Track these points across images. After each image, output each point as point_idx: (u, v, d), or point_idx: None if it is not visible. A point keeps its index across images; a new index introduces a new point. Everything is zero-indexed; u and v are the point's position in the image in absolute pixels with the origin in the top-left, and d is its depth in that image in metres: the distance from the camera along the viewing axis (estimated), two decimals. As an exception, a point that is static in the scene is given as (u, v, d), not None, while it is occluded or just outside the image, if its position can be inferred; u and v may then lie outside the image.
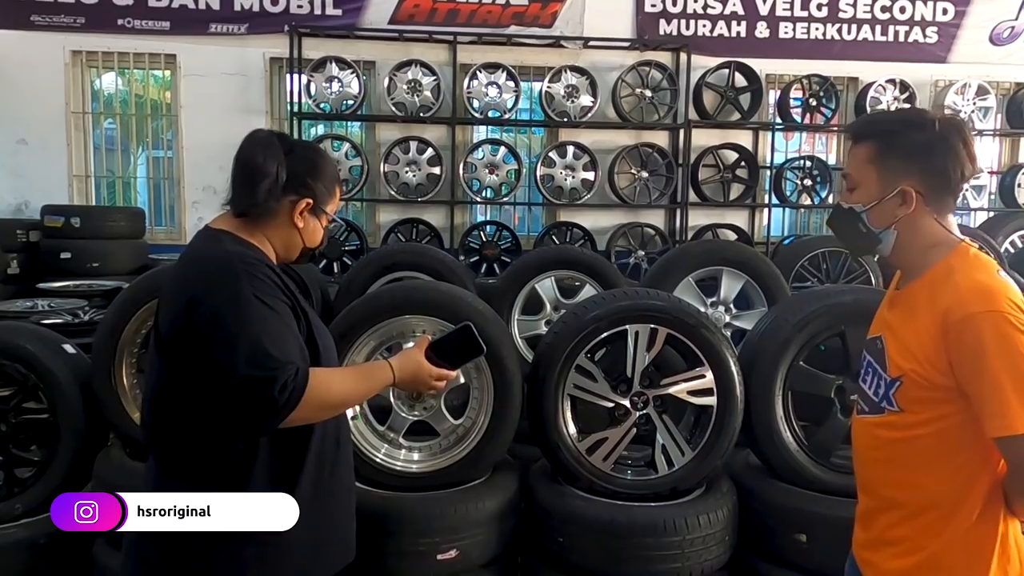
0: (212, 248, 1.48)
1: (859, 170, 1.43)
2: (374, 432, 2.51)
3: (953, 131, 1.37)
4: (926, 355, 1.33)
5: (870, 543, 1.50)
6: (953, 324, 1.28)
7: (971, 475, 1.34)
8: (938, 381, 1.32)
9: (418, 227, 6.62)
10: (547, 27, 6.78)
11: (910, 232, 1.40)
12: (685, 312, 2.51)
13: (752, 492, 2.57)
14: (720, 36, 6.99)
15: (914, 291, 1.42)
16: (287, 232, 1.57)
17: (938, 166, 1.36)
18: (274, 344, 1.38)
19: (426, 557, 2.28)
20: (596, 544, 2.33)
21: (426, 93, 6.37)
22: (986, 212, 7.10)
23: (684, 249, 3.96)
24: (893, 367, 1.40)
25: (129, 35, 6.47)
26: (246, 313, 1.38)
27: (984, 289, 1.29)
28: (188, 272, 1.48)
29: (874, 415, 1.46)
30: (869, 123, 1.50)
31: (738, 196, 6.93)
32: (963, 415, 1.32)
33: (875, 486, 1.49)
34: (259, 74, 6.59)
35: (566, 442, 2.49)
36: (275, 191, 1.52)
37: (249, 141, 1.54)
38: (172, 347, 1.44)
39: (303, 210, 1.56)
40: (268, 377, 1.35)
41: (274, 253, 1.58)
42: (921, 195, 1.37)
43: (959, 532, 1.35)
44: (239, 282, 1.41)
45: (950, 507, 1.36)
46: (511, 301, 3.83)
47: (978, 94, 6.88)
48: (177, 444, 1.47)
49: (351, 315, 2.51)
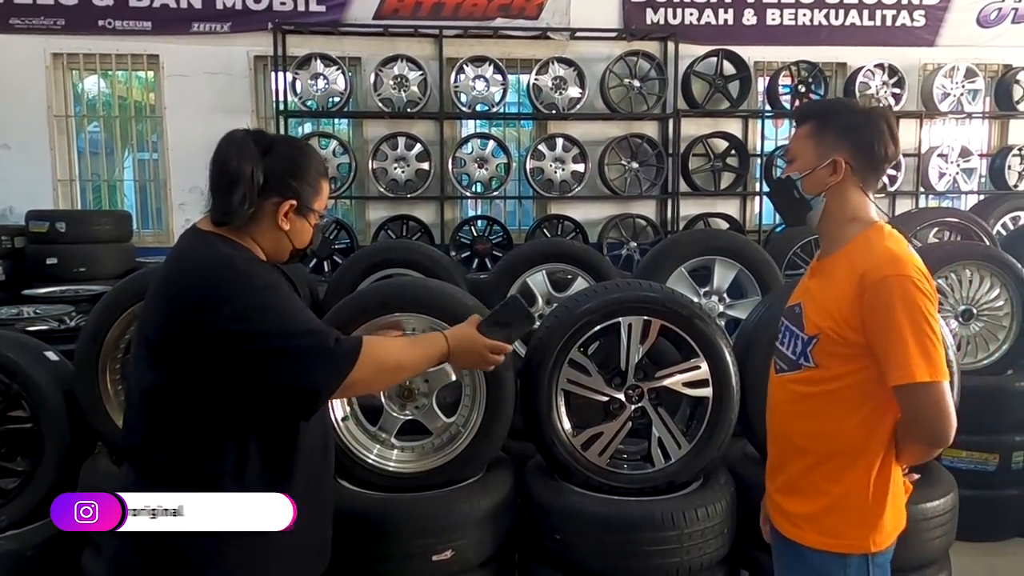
0: (208, 251, 1.44)
1: (798, 145, 1.65)
2: (365, 433, 2.47)
3: (881, 116, 1.60)
4: (842, 314, 1.52)
5: (779, 490, 1.69)
6: (868, 285, 1.48)
7: (874, 425, 1.54)
8: (850, 337, 1.51)
9: (408, 223, 6.56)
10: (533, 19, 6.72)
11: (837, 200, 1.61)
12: (678, 303, 2.47)
13: (751, 483, 2.54)
14: (707, 24, 6.94)
15: (835, 261, 1.60)
16: (273, 235, 1.52)
17: (866, 143, 1.58)
18: (304, 315, 1.43)
19: (421, 558, 2.24)
20: (593, 540, 2.30)
21: (413, 88, 6.31)
22: (977, 195, 7.08)
23: (676, 239, 3.92)
24: (810, 326, 1.58)
25: (110, 36, 6.38)
26: (272, 301, 1.40)
27: (895, 256, 1.50)
28: (186, 276, 1.43)
29: (792, 372, 1.64)
30: (811, 106, 1.79)
31: (729, 185, 6.89)
32: (870, 371, 1.51)
33: (788, 436, 1.67)
34: (243, 73, 6.51)
35: (561, 438, 2.45)
36: (251, 196, 1.46)
37: (224, 143, 1.49)
38: (172, 352, 1.39)
39: (287, 212, 1.51)
40: (320, 339, 1.39)
41: (263, 255, 1.53)
42: (850, 166, 1.59)
43: (861, 478, 1.55)
44: (250, 278, 1.40)
45: (854, 454, 1.55)
46: (503, 296, 3.78)
47: (966, 77, 6.85)
48: (166, 450, 1.43)
49: (339, 313, 2.46)
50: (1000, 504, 3.47)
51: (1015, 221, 6.12)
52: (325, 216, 1.61)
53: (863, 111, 1.62)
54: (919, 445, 1.53)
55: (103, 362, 2.59)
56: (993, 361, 3.57)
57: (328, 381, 1.41)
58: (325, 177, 1.59)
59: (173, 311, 1.38)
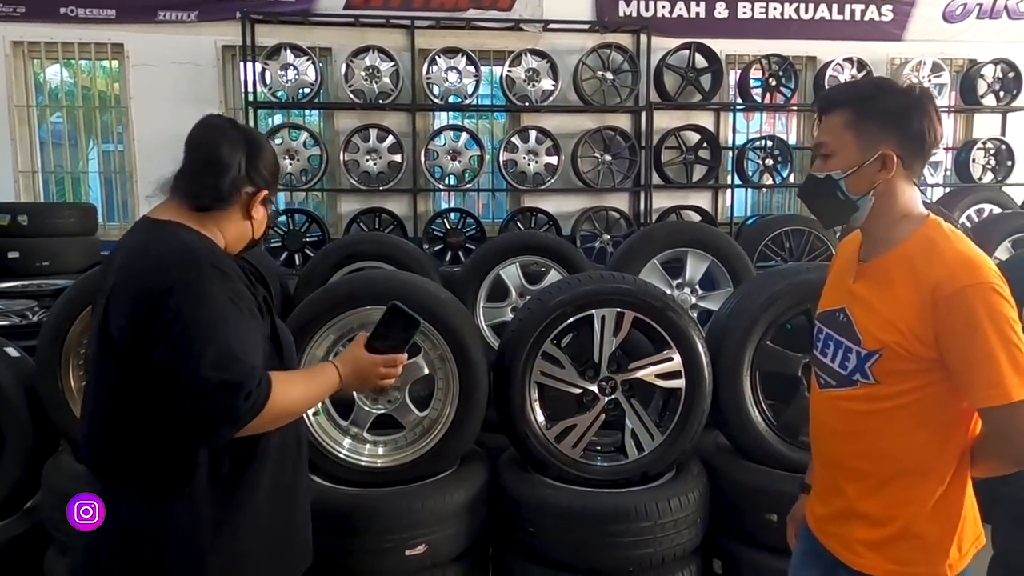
0: (170, 241, 1.38)
1: (835, 137, 1.41)
2: (337, 427, 2.44)
3: (926, 96, 1.39)
4: (910, 328, 1.32)
5: (836, 516, 1.50)
6: (944, 297, 1.28)
7: (942, 443, 1.37)
8: (920, 353, 1.32)
9: (381, 216, 6.50)
10: (506, 10, 6.69)
11: (886, 198, 1.40)
12: (651, 295, 2.48)
13: (722, 473, 2.56)
14: (679, 17, 6.97)
15: (888, 263, 1.40)
16: (240, 224, 1.49)
17: (915, 129, 1.37)
18: (242, 347, 1.31)
19: (394, 553, 2.22)
20: (567, 532, 2.30)
21: (385, 79, 6.25)
22: (942, 188, 7.21)
23: (648, 232, 3.93)
24: (870, 339, 1.38)
25: (73, 24, 6.22)
26: (215, 312, 1.31)
27: (970, 262, 1.31)
28: (144, 267, 1.36)
29: (843, 388, 1.44)
30: (841, 91, 1.49)
31: (701, 177, 6.93)
32: (938, 386, 1.33)
33: (841, 459, 1.48)
34: (211, 63, 6.39)
35: (534, 430, 2.45)
36: (237, 183, 1.44)
37: (208, 130, 1.45)
38: (129, 348, 1.33)
39: (260, 201, 1.49)
40: (235, 383, 1.27)
41: (225, 244, 1.49)
42: (900, 159, 1.37)
43: (930, 500, 1.37)
44: (208, 279, 1.33)
45: (922, 473, 1.37)
46: (476, 288, 3.77)
47: (933, 71, 6.96)
48: (130, 451, 1.37)
49: (309, 307, 2.43)
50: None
51: (979, 214, 6.24)
52: (274, 205, 1.60)
53: (906, 92, 1.38)
54: (1001, 464, 1.36)
55: (65, 358, 2.54)
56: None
57: (221, 431, 1.32)
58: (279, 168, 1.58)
59: (138, 308, 1.33)
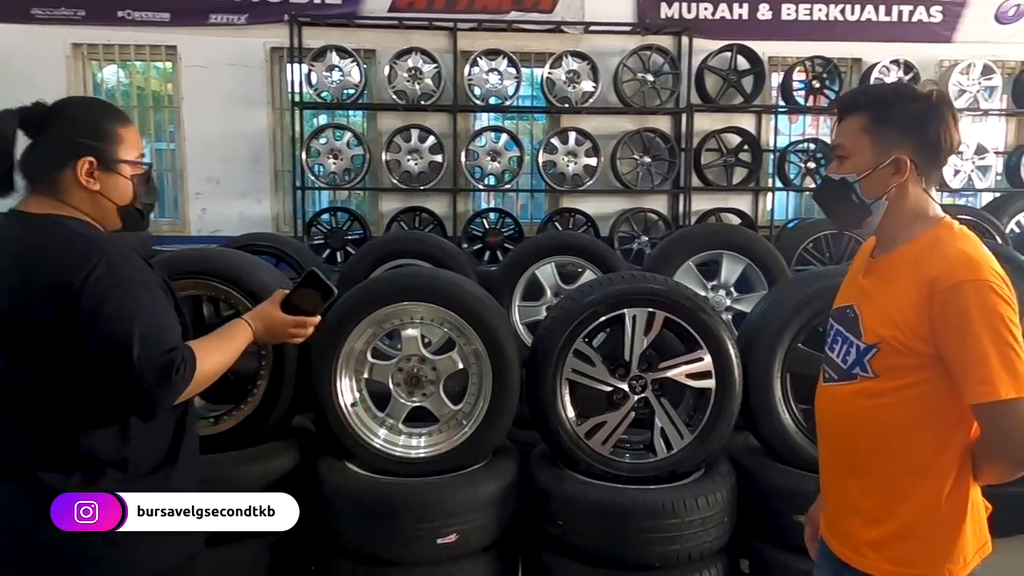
0: (61, 233, 1.39)
1: (852, 140, 1.43)
2: (374, 418, 2.53)
3: (945, 102, 1.40)
4: (907, 322, 1.34)
5: (837, 512, 1.51)
6: (940, 292, 1.30)
7: (943, 440, 1.36)
8: (917, 347, 1.33)
9: (421, 215, 6.61)
10: (547, 12, 6.74)
11: (899, 202, 1.42)
12: (683, 295, 2.51)
13: (752, 474, 2.57)
14: (722, 19, 6.93)
15: (894, 259, 1.42)
16: (90, 199, 1.45)
17: (932, 136, 1.38)
18: (164, 328, 1.40)
19: (426, 541, 2.30)
20: (595, 527, 2.34)
21: (427, 81, 6.35)
22: (992, 192, 7.04)
23: (685, 233, 3.95)
24: (869, 334, 1.40)
25: (129, 27, 6.46)
26: (134, 299, 1.36)
27: (970, 259, 1.31)
28: (40, 262, 1.36)
29: (844, 382, 1.46)
30: (861, 94, 1.52)
31: (741, 180, 6.89)
32: (937, 381, 1.34)
33: (841, 453, 1.49)
34: (260, 64, 6.57)
35: (565, 426, 2.50)
36: (35, 164, 1.43)
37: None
38: (36, 342, 1.35)
39: (88, 171, 1.43)
40: (166, 361, 1.35)
41: (94, 222, 1.48)
42: (914, 164, 1.39)
43: (931, 499, 1.36)
44: (117, 268, 1.36)
45: (922, 472, 1.37)
46: (511, 287, 3.84)
47: (983, 74, 6.81)
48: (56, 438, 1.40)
49: (349, 301, 2.51)
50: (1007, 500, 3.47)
51: (1030, 219, 6.09)
52: (142, 164, 1.52)
53: (924, 98, 1.39)
54: (1002, 466, 1.33)
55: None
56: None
57: (161, 405, 1.39)
58: (122, 123, 1.49)
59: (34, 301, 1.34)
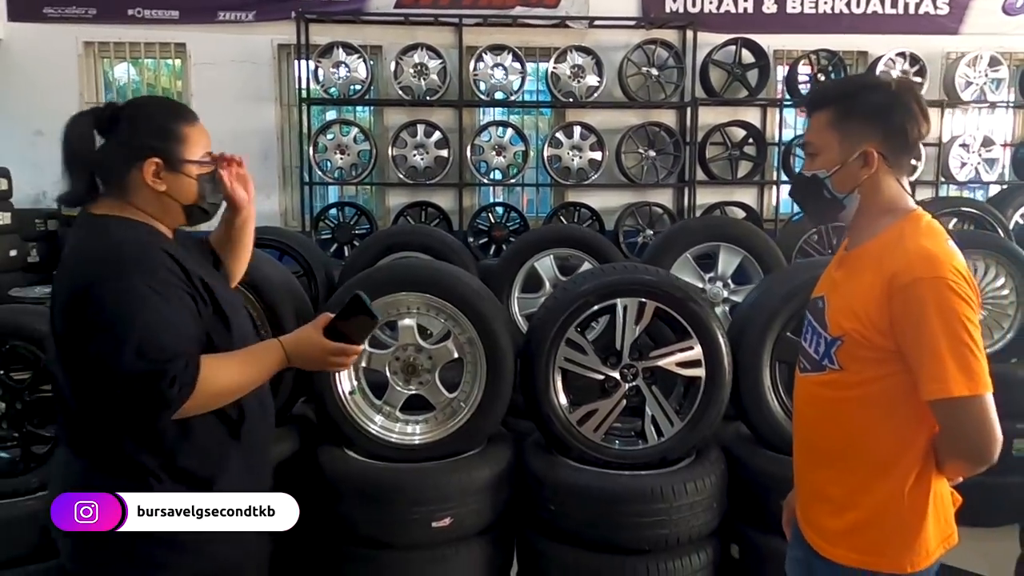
0: (97, 238, 1.43)
1: (820, 136, 1.45)
2: (371, 406, 2.59)
3: (908, 91, 1.41)
4: (869, 316, 1.36)
5: (805, 499, 1.55)
6: (898, 288, 1.31)
7: (907, 434, 1.38)
8: (878, 341, 1.35)
9: (427, 210, 6.67)
10: (552, 7, 6.77)
11: (871, 194, 1.43)
12: (673, 286, 2.56)
13: (742, 461, 2.62)
14: (727, 12, 6.93)
15: (863, 252, 1.44)
16: (155, 199, 1.49)
17: (897, 125, 1.40)
18: (166, 335, 1.35)
19: (422, 524, 2.36)
20: (586, 511, 2.40)
21: (432, 76, 6.41)
22: (1000, 185, 7.01)
23: (683, 226, 3.99)
24: (834, 326, 1.43)
25: (140, 25, 6.56)
26: (137, 304, 1.34)
27: (929, 255, 1.32)
28: (75, 265, 1.42)
29: (815, 373, 1.49)
30: (825, 90, 1.54)
31: (746, 174, 6.88)
32: (901, 376, 1.35)
33: (813, 441, 1.52)
34: (267, 61, 6.65)
35: (557, 414, 2.55)
36: (108, 165, 1.46)
37: (64, 129, 1.48)
38: (66, 341, 1.39)
39: (156, 172, 1.47)
40: (157, 371, 1.31)
41: (160, 222, 1.51)
42: (882, 156, 1.40)
43: (895, 491, 1.38)
44: (128, 273, 1.36)
45: (887, 464, 1.39)
46: (511, 279, 3.89)
47: (990, 65, 6.77)
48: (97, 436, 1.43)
49: (352, 289, 2.58)
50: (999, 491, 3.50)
51: (1035, 212, 6.06)
52: (208, 162, 1.54)
53: (888, 88, 1.41)
54: (960, 462, 1.37)
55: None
56: (997, 349, 3.60)
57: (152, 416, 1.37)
58: (188, 122, 1.53)
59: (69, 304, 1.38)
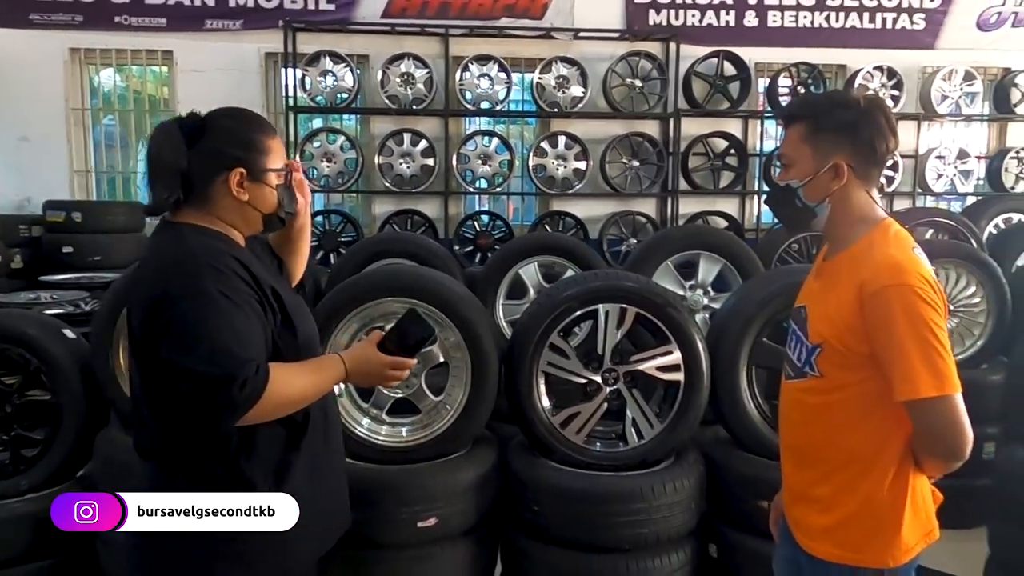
0: (174, 244, 1.47)
1: (794, 148, 1.54)
2: (358, 408, 2.64)
3: (876, 108, 1.50)
4: (846, 323, 1.44)
5: (792, 500, 1.63)
6: (868, 296, 1.40)
7: (885, 435, 1.46)
8: (855, 348, 1.43)
9: (413, 218, 6.73)
10: (537, 19, 6.88)
11: (842, 205, 1.52)
12: (653, 292, 2.63)
13: (720, 463, 2.69)
14: (709, 25, 7.08)
15: (839, 263, 1.53)
16: (237, 208, 1.53)
17: (865, 140, 1.48)
18: (236, 341, 1.38)
19: (408, 524, 2.41)
20: (568, 511, 2.45)
21: (419, 86, 6.48)
22: (975, 196, 7.17)
23: (664, 234, 4.07)
24: (814, 334, 1.51)
25: (126, 32, 6.59)
26: (209, 310, 1.38)
27: (896, 264, 1.41)
28: (152, 271, 1.47)
29: (798, 379, 1.57)
30: (799, 106, 1.63)
31: (728, 184, 7.02)
32: (877, 381, 1.43)
33: (798, 445, 1.61)
34: (254, 69, 6.70)
35: (540, 416, 2.61)
36: (174, 186, 1.47)
37: (151, 139, 1.52)
38: (145, 347, 1.43)
39: (239, 182, 1.50)
40: (228, 375, 1.34)
41: (238, 230, 1.56)
42: (852, 168, 1.49)
43: (875, 489, 1.46)
44: (202, 278, 1.40)
45: (867, 464, 1.47)
46: (496, 286, 3.95)
47: (965, 80, 6.96)
48: (170, 442, 1.47)
49: (336, 297, 2.63)
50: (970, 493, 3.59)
51: (1008, 222, 6.21)
52: (286, 172, 1.58)
53: (857, 105, 1.49)
54: (934, 460, 1.44)
55: (116, 339, 2.77)
56: (968, 356, 3.70)
57: (221, 421, 1.40)
58: (269, 135, 1.56)
59: (146, 308, 1.42)
